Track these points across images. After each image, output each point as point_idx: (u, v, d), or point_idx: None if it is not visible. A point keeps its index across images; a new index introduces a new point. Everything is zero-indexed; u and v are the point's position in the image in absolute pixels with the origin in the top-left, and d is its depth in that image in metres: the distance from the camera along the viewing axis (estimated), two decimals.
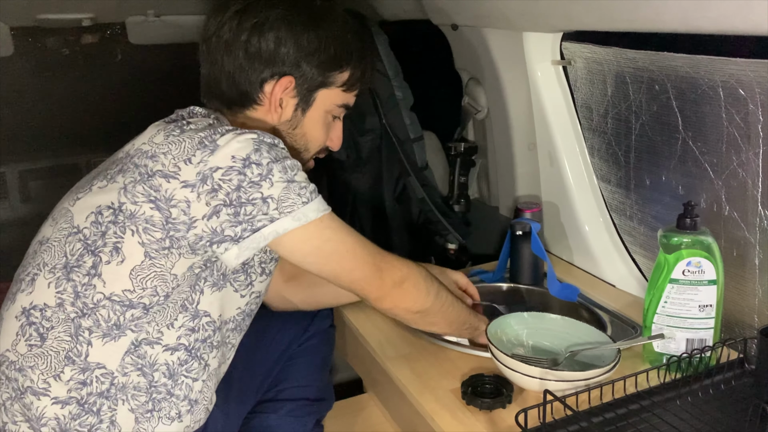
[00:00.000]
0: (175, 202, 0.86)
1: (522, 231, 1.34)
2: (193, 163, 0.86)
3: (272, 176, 0.86)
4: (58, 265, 0.90)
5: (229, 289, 0.97)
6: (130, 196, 0.87)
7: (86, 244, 0.89)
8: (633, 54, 1.19)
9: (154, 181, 0.86)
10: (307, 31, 0.97)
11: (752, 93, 0.99)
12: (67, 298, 0.88)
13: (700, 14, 0.91)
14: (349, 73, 1.02)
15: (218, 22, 0.98)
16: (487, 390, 1.01)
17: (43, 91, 1.82)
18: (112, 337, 0.88)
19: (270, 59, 0.97)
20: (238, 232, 0.87)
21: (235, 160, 0.85)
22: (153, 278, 0.88)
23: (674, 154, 1.18)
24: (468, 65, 1.59)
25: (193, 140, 0.87)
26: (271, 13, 0.96)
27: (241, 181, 0.85)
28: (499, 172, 1.62)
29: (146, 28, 1.63)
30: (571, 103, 1.41)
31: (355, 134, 1.59)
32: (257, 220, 0.87)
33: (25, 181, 1.90)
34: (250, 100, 0.99)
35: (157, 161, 0.87)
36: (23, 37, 1.65)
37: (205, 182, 0.85)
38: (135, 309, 0.88)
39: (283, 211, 0.87)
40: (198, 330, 0.94)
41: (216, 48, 0.98)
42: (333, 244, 0.93)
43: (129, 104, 1.09)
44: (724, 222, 1.11)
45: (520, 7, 1.27)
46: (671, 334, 1.04)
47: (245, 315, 1.02)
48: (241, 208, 0.86)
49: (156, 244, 0.87)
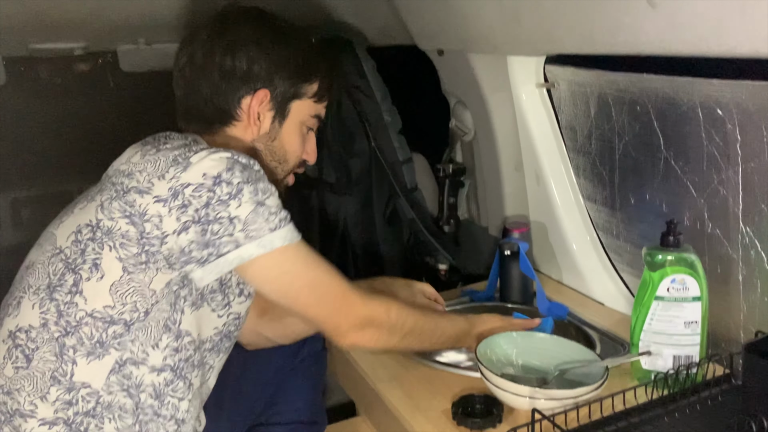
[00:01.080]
0: (148, 217, 0.87)
1: (510, 251, 1.36)
2: (166, 179, 0.88)
3: (241, 196, 0.88)
4: (41, 286, 0.91)
5: (206, 309, 0.97)
6: (107, 213, 0.90)
7: (67, 263, 0.90)
8: (614, 76, 1.22)
9: (129, 197, 0.89)
10: (276, 47, 1.02)
11: (730, 113, 1.02)
12: (50, 317, 0.89)
13: (677, 37, 0.93)
14: (318, 84, 1.06)
15: (190, 49, 1.02)
16: (477, 410, 1.02)
17: (35, 120, 1.84)
18: (96, 355, 0.89)
19: (244, 76, 1.00)
20: (204, 256, 0.88)
21: (206, 177, 0.87)
22: (132, 293, 0.89)
23: (657, 173, 1.20)
24: (454, 89, 1.62)
25: (167, 158, 0.90)
26: (239, 33, 1.01)
27: (210, 199, 0.87)
28: (488, 193, 1.64)
29: (137, 56, 1.65)
30: (555, 124, 1.44)
31: (345, 157, 1.61)
32: (223, 244, 0.88)
33: (17, 208, 1.91)
34: (229, 117, 1.02)
35: (132, 178, 0.90)
36: (16, 67, 1.67)
37: (176, 197, 0.87)
38: (116, 325, 0.89)
39: (249, 235, 0.88)
40: (181, 350, 0.94)
41: (191, 73, 1.01)
42: (292, 277, 0.94)
43: (121, 131, 1.10)
44: (708, 239, 1.12)
45: (503, 32, 1.29)
46: (658, 351, 1.05)
47: (222, 336, 1.02)
48: (208, 227, 0.87)
49: (133, 258, 0.88)
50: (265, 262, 0.90)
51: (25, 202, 1.93)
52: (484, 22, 1.31)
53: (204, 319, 0.97)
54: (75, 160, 1.19)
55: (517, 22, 1.22)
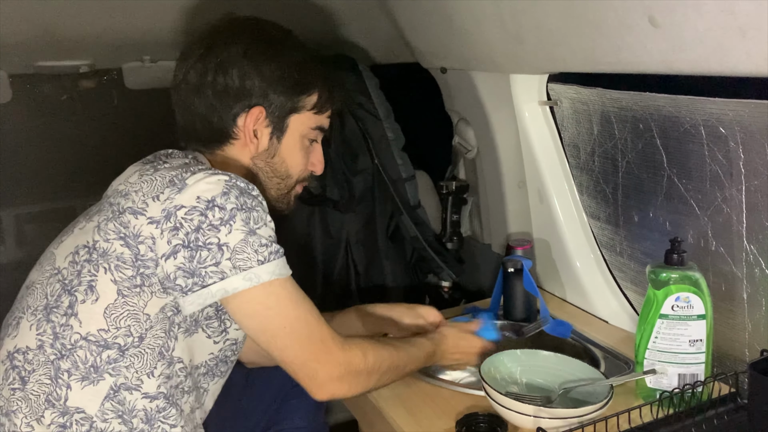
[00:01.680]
0: (142, 239, 0.87)
1: (514, 268, 1.35)
2: (160, 200, 0.87)
3: (233, 223, 0.86)
4: (39, 306, 0.91)
5: (201, 335, 0.96)
6: (103, 234, 0.89)
7: (64, 284, 0.90)
8: (617, 94, 1.22)
9: (123, 218, 0.88)
10: (269, 61, 1.00)
11: (732, 131, 1.02)
12: (46, 339, 0.89)
13: (679, 56, 0.94)
14: (317, 96, 1.04)
15: (184, 68, 1.01)
16: (481, 429, 1.01)
17: (41, 136, 1.85)
18: (91, 380, 0.88)
19: (237, 94, 0.99)
20: (188, 285, 0.87)
21: (200, 201, 0.86)
22: (126, 317, 0.88)
23: (660, 191, 1.20)
24: (457, 106, 1.63)
25: (164, 178, 0.89)
26: (231, 50, 0.99)
27: (201, 223, 0.86)
28: (491, 210, 1.64)
29: (142, 73, 1.66)
30: (558, 142, 1.44)
31: (348, 174, 1.61)
32: (208, 275, 0.86)
33: (21, 225, 1.91)
34: (226, 136, 1.01)
35: (128, 198, 0.90)
36: (22, 84, 1.68)
37: (169, 219, 0.86)
38: (111, 350, 0.88)
39: (236, 265, 0.86)
40: (172, 377, 0.93)
41: (186, 93, 1.01)
42: (274, 314, 0.90)
43: (126, 148, 1.10)
44: (712, 257, 1.12)
45: (506, 51, 1.30)
46: (663, 370, 1.05)
47: (218, 360, 1.01)
48: (196, 253, 0.86)
49: (128, 281, 0.88)
50: (249, 296, 0.88)
51: (29, 218, 1.94)
52: (486, 41, 1.32)
53: (197, 345, 0.96)
54: (79, 176, 1.20)
55: (519, 41, 1.23)
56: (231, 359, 1.04)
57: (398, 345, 1.06)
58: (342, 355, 0.93)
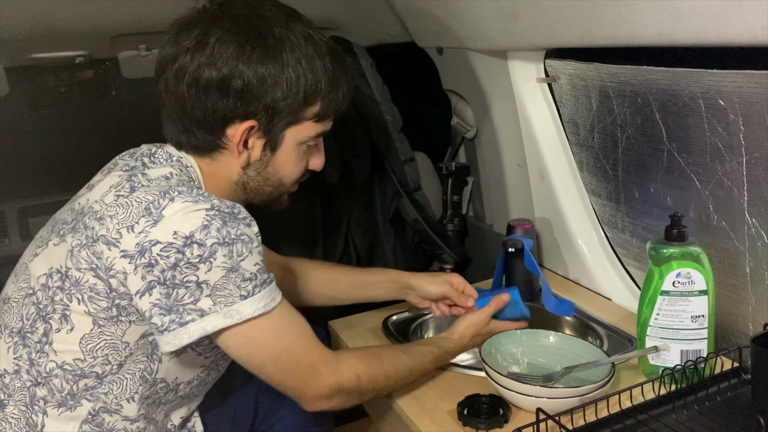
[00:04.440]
0: (113, 272, 0.82)
1: (514, 248, 1.35)
2: (134, 231, 0.80)
3: (213, 260, 0.80)
4: (15, 328, 0.88)
5: (190, 354, 0.92)
6: (75, 261, 0.84)
7: (38, 308, 0.86)
8: (614, 69, 1.20)
9: (97, 247, 0.82)
10: (266, 68, 0.88)
11: (732, 103, 1.00)
12: (23, 365, 0.87)
13: (676, 28, 0.92)
14: (320, 106, 0.94)
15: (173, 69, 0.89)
16: (483, 410, 1.01)
17: (40, 129, 1.84)
18: (68, 407, 0.86)
19: (228, 104, 0.89)
20: (165, 323, 0.81)
21: (177, 237, 0.79)
22: (104, 347, 0.85)
23: (661, 166, 1.19)
24: (455, 86, 1.61)
25: (140, 205, 0.82)
26: (223, 52, 0.87)
27: (179, 261, 0.79)
28: (491, 190, 1.63)
29: (138, 62, 1.65)
30: (557, 119, 1.42)
31: (347, 158, 1.60)
32: (186, 312, 0.81)
33: (24, 218, 1.92)
34: (215, 146, 0.93)
35: (102, 225, 0.83)
36: (18, 76, 1.68)
37: (143, 255, 0.80)
38: (88, 378, 0.86)
39: (216, 302, 0.81)
40: (151, 396, 0.91)
41: (174, 95, 0.90)
42: (259, 347, 0.87)
43: (125, 138, 1.09)
44: (713, 231, 1.11)
45: (502, 28, 1.28)
46: (665, 346, 1.04)
47: (210, 369, 0.99)
48: (173, 290, 0.80)
49: (103, 312, 0.84)
50: (232, 332, 0.84)
51: (33, 211, 1.94)
52: (482, 19, 1.30)
53: (187, 362, 0.94)
54: (80, 167, 1.20)
55: (515, 18, 1.21)
56: (221, 364, 1.01)
57: (401, 356, 1.04)
58: (332, 378, 0.92)
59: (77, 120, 1.91)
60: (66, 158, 1.87)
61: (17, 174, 1.82)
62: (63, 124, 1.90)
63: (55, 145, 1.90)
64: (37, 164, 1.89)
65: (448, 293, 1.22)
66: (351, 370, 0.94)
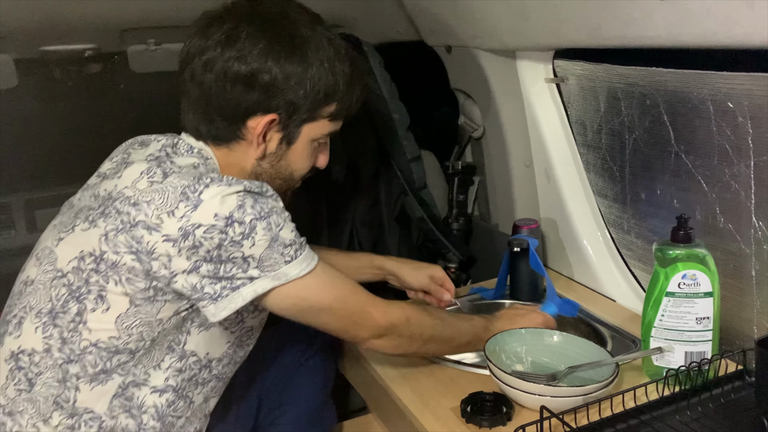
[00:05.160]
0: (156, 255, 0.85)
1: (520, 248, 1.35)
2: (176, 216, 0.84)
3: (255, 235, 0.85)
4: (44, 309, 0.90)
5: (218, 328, 0.96)
6: (112, 246, 0.86)
7: (71, 290, 0.88)
8: (623, 70, 1.20)
9: (136, 232, 0.85)
10: (292, 66, 0.93)
11: (740, 106, 1.00)
12: (54, 344, 0.88)
13: (686, 30, 0.92)
14: (336, 106, 1.00)
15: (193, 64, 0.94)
16: (486, 408, 1.01)
17: (48, 121, 1.85)
18: (100, 381, 0.88)
19: (253, 97, 0.93)
20: (218, 290, 0.87)
21: (218, 218, 0.84)
22: (139, 325, 0.88)
23: (668, 168, 1.18)
24: (463, 86, 1.61)
25: (176, 190, 0.86)
26: (253, 48, 0.92)
27: (223, 240, 0.84)
28: (497, 190, 1.63)
29: (147, 57, 1.66)
30: (565, 119, 1.42)
31: (353, 155, 1.60)
32: (237, 279, 0.87)
33: (31, 209, 1.93)
34: (234, 136, 0.97)
35: (140, 210, 0.86)
36: (27, 68, 1.68)
37: (187, 238, 0.84)
38: (121, 354, 0.88)
39: (264, 270, 0.87)
40: (185, 370, 0.93)
41: (200, 85, 0.94)
42: (309, 303, 0.93)
43: (132, 132, 1.10)
44: (720, 234, 1.11)
45: (511, 28, 1.29)
46: (669, 348, 1.04)
47: (236, 347, 1.02)
48: (221, 266, 0.85)
49: (141, 293, 0.87)
50: (282, 292, 0.90)
51: (39, 202, 1.95)
52: (491, 18, 1.30)
53: (215, 338, 0.97)
54: (86, 160, 1.20)
55: (525, 18, 1.22)
56: (247, 343, 1.04)
57: (447, 318, 1.09)
58: (383, 319, 0.98)
59: (85, 113, 1.91)
60: (73, 151, 1.87)
61: (24, 166, 1.82)
62: (71, 116, 1.91)
63: (62, 138, 1.90)
64: (44, 156, 1.90)
65: (428, 288, 1.29)
66: (401, 311, 1.01)
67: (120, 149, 1.04)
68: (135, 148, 1.00)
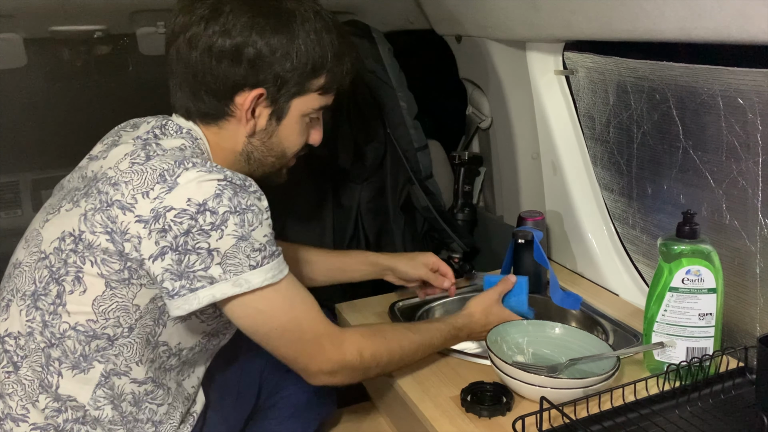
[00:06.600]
0: (128, 237, 0.83)
1: (524, 239, 1.35)
2: (149, 197, 0.83)
3: (225, 228, 0.82)
4: (27, 292, 0.90)
5: (194, 321, 0.94)
6: (89, 225, 0.85)
7: (51, 271, 0.88)
8: (633, 63, 1.19)
9: (111, 212, 0.84)
10: (277, 39, 0.92)
11: (751, 102, 0.99)
12: (36, 327, 0.88)
13: (698, 24, 0.92)
14: (325, 78, 0.98)
15: (179, 41, 0.93)
16: (486, 397, 1.01)
17: (56, 101, 1.85)
18: (81, 369, 0.88)
19: (239, 72, 0.92)
20: (176, 288, 0.84)
21: (190, 204, 0.82)
22: (115, 309, 0.87)
23: (675, 163, 1.18)
24: (472, 75, 1.61)
25: (155, 171, 0.84)
26: (237, 22, 0.90)
27: (191, 227, 0.82)
28: (503, 181, 1.63)
29: (156, 39, 1.66)
30: (573, 112, 1.42)
31: (360, 143, 1.60)
32: (197, 279, 0.83)
33: (37, 189, 1.93)
34: (222, 113, 0.95)
35: (117, 190, 0.85)
36: (37, 48, 1.68)
37: (157, 220, 0.82)
38: (99, 339, 0.88)
39: (226, 270, 0.84)
40: (156, 359, 0.93)
41: (185, 63, 0.93)
42: (265, 317, 0.89)
43: (139, 114, 1.10)
44: (725, 230, 1.11)
45: (522, 18, 1.28)
46: (671, 343, 1.04)
47: (211, 337, 1.00)
48: (185, 257, 0.83)
49: (116, 275, 0.85)
50: (240, 301, 0.86)
51: (46, 182, 1.95)
52: (502, 8, 1.30)
53: (191, 329, 0.95)
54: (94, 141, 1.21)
55: (536, 9, 1.21)
56: (223, 333, 1.02)
57: (408, 333, 1.05)
58: (335, 353, 0.94)
59: (93, 94, 1.92)
60: (80, 132, 1.87)
61: (31, 145, 1.83)
62: (79, 97, 1.91)
63: (70, 118, 1.91)
64: (51, 136, 1.90)
65: (425, 277, 1.27)
66: (355, 347, 0.96)
67: (113, 131, 1.03)
68: (126, 131, 0.99)
